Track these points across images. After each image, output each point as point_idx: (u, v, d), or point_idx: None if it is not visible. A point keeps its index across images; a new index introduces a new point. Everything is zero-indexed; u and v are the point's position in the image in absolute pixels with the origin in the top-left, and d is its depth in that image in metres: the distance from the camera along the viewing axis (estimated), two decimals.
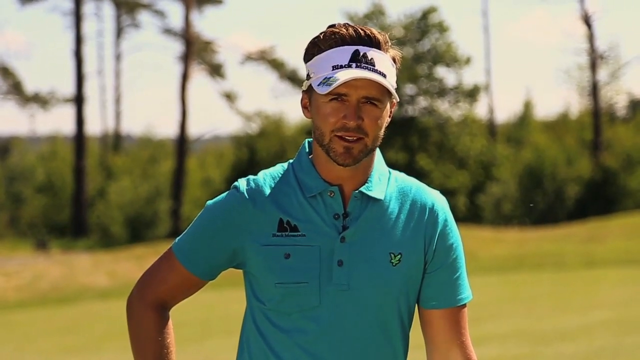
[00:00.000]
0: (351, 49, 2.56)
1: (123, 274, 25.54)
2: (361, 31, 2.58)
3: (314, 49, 2.60)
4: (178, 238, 2.69)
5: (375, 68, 2.55)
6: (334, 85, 2.52)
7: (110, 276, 26.08)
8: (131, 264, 26.49)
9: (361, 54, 2.55)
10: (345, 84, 2.54)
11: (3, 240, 40.10)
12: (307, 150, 2.69)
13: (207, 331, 16.17)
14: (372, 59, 2.56)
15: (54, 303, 23.12)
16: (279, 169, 2.68)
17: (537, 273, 23.28)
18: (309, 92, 2.63)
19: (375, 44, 2.58)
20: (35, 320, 20.19)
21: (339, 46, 2.56)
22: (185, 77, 41.20)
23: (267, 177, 2.66)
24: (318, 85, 2.56)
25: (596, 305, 16.51)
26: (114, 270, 26.65)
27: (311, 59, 2.60)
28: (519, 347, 12.95)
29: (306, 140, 2.72)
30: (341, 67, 2.55)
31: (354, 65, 2.54)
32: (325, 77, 2.55)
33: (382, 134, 2.61)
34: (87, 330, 18.03)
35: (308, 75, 2.62)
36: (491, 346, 13.03)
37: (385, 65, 2.58)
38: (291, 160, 2.70)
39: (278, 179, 2.66)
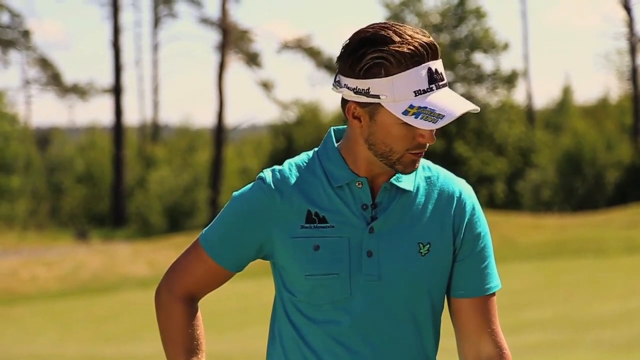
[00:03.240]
0: (424, 68, 2.51)
1: (162, 263, 25.67)
2: (426, 43, 2.51)
3: (378, 68, 2.51)
4: (205, 229, 2.68)
5: (445, 81, 2.55)
6: (442, 122, 2.51)
7: (149, 265, 26.22)
8: (170, 253, 26.62)
9: (434, 70, 2.52)
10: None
11: (44, 231, 40.42)
12: (334, 138, 2.66)
13: (246, 320, 16.22)
14: (441, 72, 2.54)
15: (95, 292, 23.29)
16: (304, 157, 2.66)
17: (577, 259, 23.13)
18: (366, 106, 2.56)
19: (437, 53, 2.54)
20: (76, 310, 20.35)
21: (413, 67, 2.51)
22: (222, 67, 41.28)
23: (292, 168, 2.64)
24: (407, 114, 2.51)
25: (637, 292, 16.39)
26: (153, 259, 26.79)
27: (375, 77, 2.52)
28: (559, 334, 12.88)
29: (331, 128, 2.69)
30: (424, 91, 2.51)
31: (434, 87, 2.52)
32: (419, 107, 2.51)
33: None
34: (127, 319, 18.14)
35: (367, 91, 2.53)
36: (531, 333, 12.97)
37: (444, 72, 2.58)
38: (316, 149, 2.67)
39: (304, 169, 2.64)
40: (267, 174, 2.65)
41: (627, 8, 42.24)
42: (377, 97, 2.53)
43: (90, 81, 46.42)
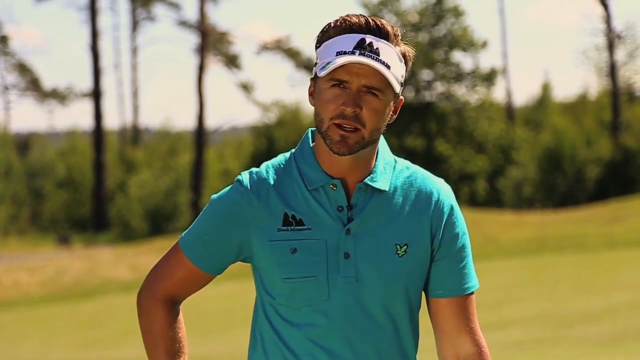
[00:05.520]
0: (357, 36, 2.56)
1: (145, 266, 25.62)
2: (371, 21, 2.58)
3: (324, 36, 2.61)
4: (184, 232, 2.69)
5: (380, 58, 2.54)
6: (332, 67, 2.53)
7: (132, 269, 26.17)
8: (153, 257, 26.57)
9: (367, 42, 2.55)
10: (347, 71, 2.54)
11: (26, 236, 40.28)
12: (310, 139, 2.69)
13: (230, 322, 16.21)
14: (377, 48, 2.55)
15: (77, 297, 23.22)
16: (281, 159, 2.68)
17: (559, 256, 23.21)
18: (315, 80, 2.63)
19: (383, 35, 2.57)
20: (59, 315, 20.29)
21: (347, 34, 2.57)
22: (201, 69, 41.23)
23: (270, 170, 2.66)
24: (320, 69, 2.57)
25: (619, 287, 16.45)
26: (135, 263, 26.74)
27: (320, 46, 2.61)
28: (542, 331, 12.91)
29: (309, 129, 2.71)
30: (345, 53, 2.54)
31: (357, 52, 2.54)
32: (328, 62, 2.56)
33: (382, 127, 2.59)
34: (110, 323, 18.10)
35: (316, 62, 2.63)
36: (514, 330, 13.00)
37: (391, 57, 2.56)
38: (293, 150, 2.69)
39: (281, 171, 2.65)
40: (244, 176, 2.66)
41: (604, 4, 42.41)
42: (316, 64, 2.61)
43: (70, 86, 46.34)
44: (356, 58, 2.52)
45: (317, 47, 2.61)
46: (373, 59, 2.53)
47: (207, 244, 2.65)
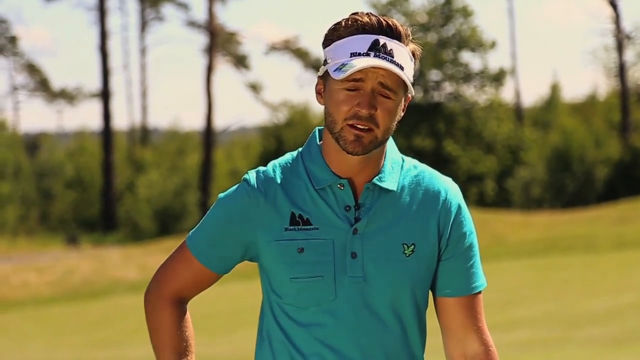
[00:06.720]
0: (371, 37, 2.56)
1: (153, 267, 25.63)
2: (383, 21, 2.58)
3: (333, 35, 2.60)
4: (191, 231, 2.69)
5: (394, 59, 2.55)
6: (350, 71, 2.52)
7: (140, 269, 26.19)
8: (161, 257, 26.54)
9: (381, 43, 2.55)
10: (362, 72, 2.54)
11: (34, 236, 40.34)
12: (318, 138, 2.68)
13: (237, 322, 16.21)
14: (391, 49, 2.55)
15: (86, 297, 23.25)
16: (288, 158, 2.68)
17: (567, 256, 23.17)
18: (324, 78, 2.62)
19: (396, 35, 2.57)
20: (67, 315, 20.32)
21: (360, 34, 2.56)
22: (210, 69, 41.25)
23: (277, 169, 2.66)
24: (334, 70, 2.56)
25: (627, 288, 16.42)
26: (144, 263, 26.76)
27: (330, 44, 2.60)
28: (549, 331, 12.90)
29: (316, 128, 2.71)
30: (359, 54, 2.54)
31: (372, 54, 2.54)
32: (343, 63, 2.55)
33: (393, 126, 2.60)
34: (119, 323, 18.11)
35: (325, 60, 2.61)
36: (522, 330, 12.99)
37: (403, 58, 2.57)
38: (300, 149, 2.69)
39: (288, 170, 2.65)
40: (251, 175, 2.66)
41: (613, 5, 42.35)
42: (326, 62, 2.60)
43: (79, 86, 46.38)
44: (372, 60, 2.52)
45: (326, 45, 2.60)
46: (388, 60, 2.53)
47: (213, 243, 2.65)
